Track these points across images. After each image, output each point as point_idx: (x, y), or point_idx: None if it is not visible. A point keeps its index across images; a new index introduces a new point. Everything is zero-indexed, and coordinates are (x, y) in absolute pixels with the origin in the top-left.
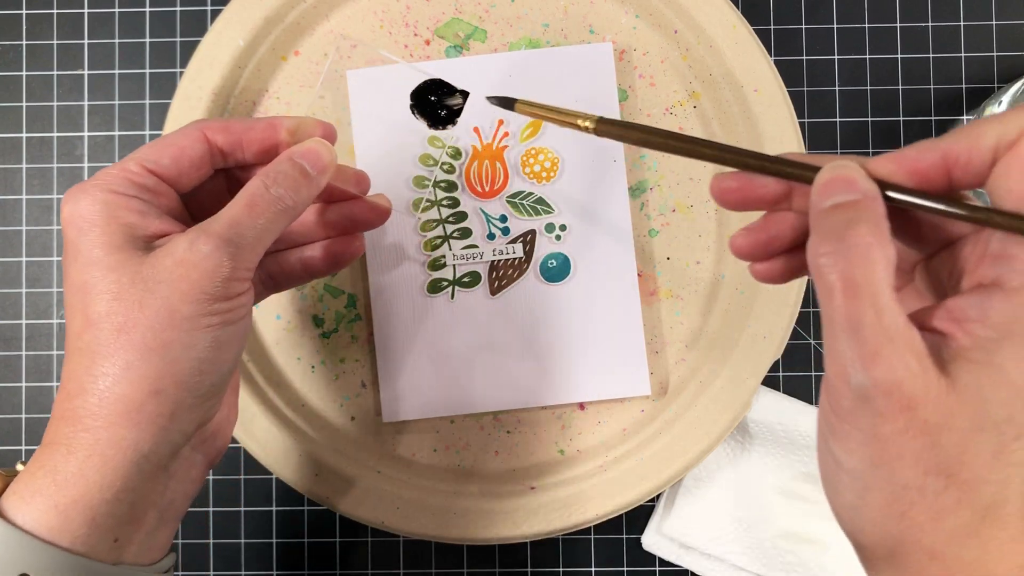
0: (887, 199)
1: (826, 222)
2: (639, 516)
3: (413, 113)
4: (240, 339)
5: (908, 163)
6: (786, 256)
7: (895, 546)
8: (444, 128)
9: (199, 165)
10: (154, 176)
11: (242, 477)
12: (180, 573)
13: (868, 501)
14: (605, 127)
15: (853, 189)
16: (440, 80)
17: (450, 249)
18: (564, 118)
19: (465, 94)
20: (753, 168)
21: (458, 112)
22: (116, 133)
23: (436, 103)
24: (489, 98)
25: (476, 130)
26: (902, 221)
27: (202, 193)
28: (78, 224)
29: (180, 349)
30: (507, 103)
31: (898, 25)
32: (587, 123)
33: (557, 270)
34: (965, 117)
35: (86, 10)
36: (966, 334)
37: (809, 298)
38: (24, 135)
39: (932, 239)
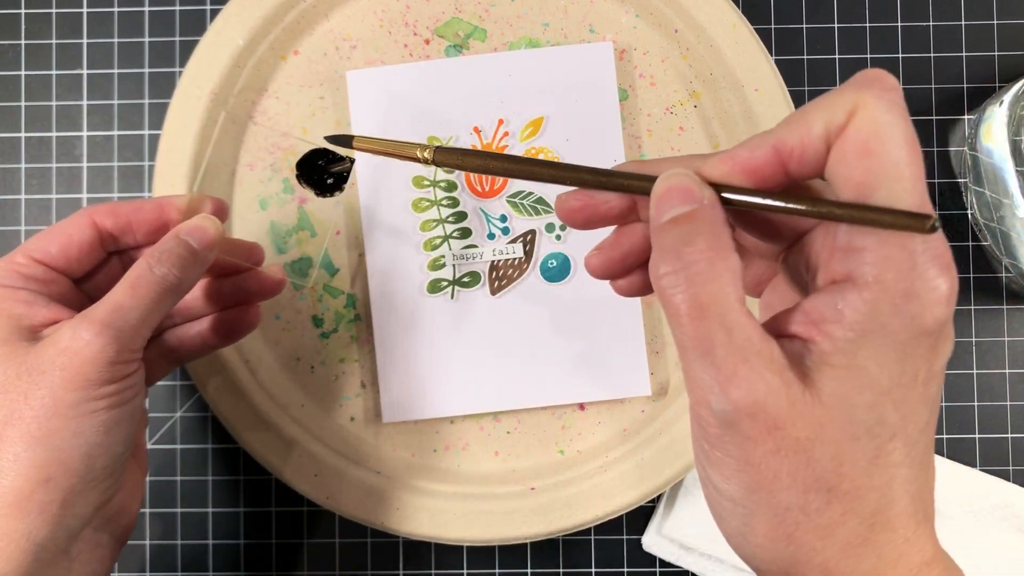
0: (725, 202)
1: (664, 239)
2: (639, 517)
3: (299, 182)
4: (131, 420)
5: (742, 162)
6: (643, 269)
7: (788, 567)
8: (331, 195)
9: (88, 251)
10: (42, 265)
11: (242, 477)
12: (180, 573)
13: (753, 527)
14: (443, 156)
15: (689, 199)
16: (323, 149)
17: (450, 249)
18: (402, 151)
19: (351, 160)
20: (591, 185)
21: (345, 179)
22: (115, 133)
23: (322, 170)
24: (327, 138)
25: (476, 130)
26: (752, 218)
27: (100, 277)
28: None
29: (67, 436)
30: (344, 141)
31: (899, 25)
32: (425, 154)
33: (557, 270)
34: (966, 117)
35: (85, 10)
36: (825, 337)
37: None
38: (23, 135)
39: (784, 233)
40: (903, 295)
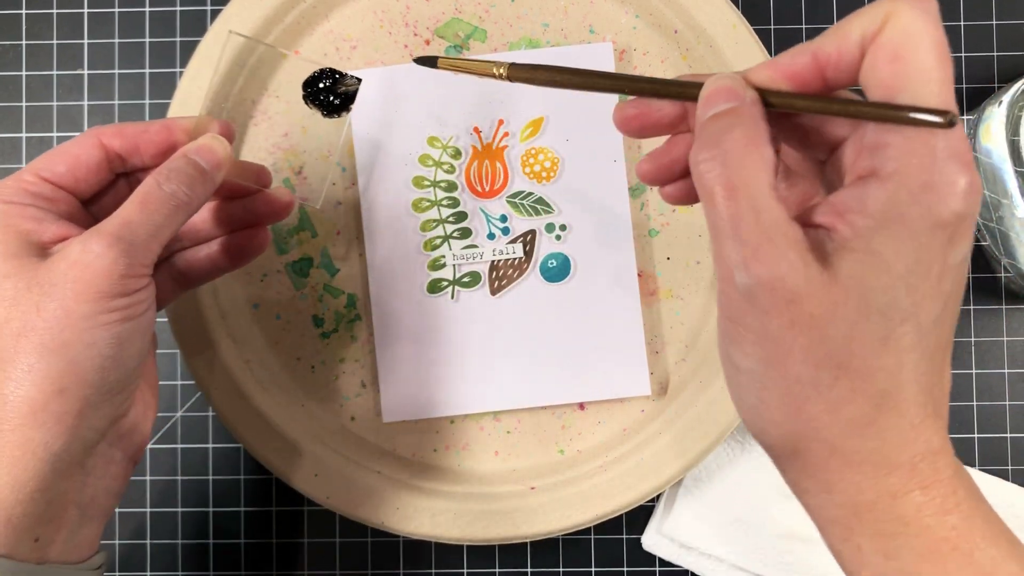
0: (767, 104)
1: (706, 131)
2: (639, 516)
3: (306, 103)
4: (143, 334)
5: (783, 68)
6: (691, 177)
7: (797, 442)
8: (339, 115)
9: (96, 171)
10: (49, 184)
11: (242, 477)
12: (180, 573)
13: (766, 400)
14: (516, 72)
15: (732, 97)
16: (330, 69)
17: (450, 249)
18: (480, 69)
19: (358, 79)
20: (647, 92)
21: (352, 98)
22: None
23: (328, 90)
24: (416, 59)
25: (476, 130)
26: (791, 129)
27: (107, 199)
28: None
29: (80, 348)
30: (430, 62)
31: None
32: (500, 70)
33: (557, 270)
34: (965, 117)
35: (86, 10)
36: (846, 225)
37: None
38: (24, 135)
39: (821, 142)
40: (922, 186)
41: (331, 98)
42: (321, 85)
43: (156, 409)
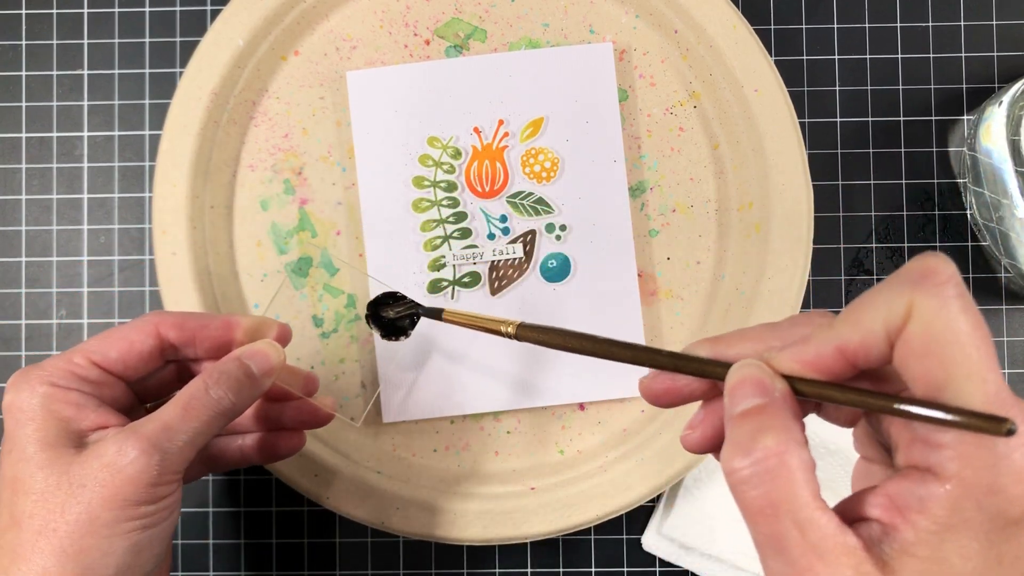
0: (796, 391)
1: (736, 432)
2: (639, 516)
3: (366, 320)
4: (162, 539)
5: (811, 361)
6: None
7: None
8: (397, 339)
9: (148, 359)
10: (99, 368)
11: (242, 477)
12: (180, 573)
13: None
14: (525, 332)
15: (761, 391)
16: (392, 292)
17: (450, 249)
18: (488, 324)
19: (417, 305)
20: (668, 367)
21: (412, 324)
22: (116, 133)
23: (392, 319)
24: (421, 309)
25: (476, 130)
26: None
27: (151, 380)
28: (16, 415)
29: (97, 556)
30: (434, 313)
31: (898, 25)
32: (508, 328)
33: (557, 270)
34: (965, 117)
35: (86, 10)
36: (909, 526)
37: (809, 299)
38: (24, 135)
39: (858, 413)
40: (986, 491)
41: (396, 323)
42: (388, 313)
43: None
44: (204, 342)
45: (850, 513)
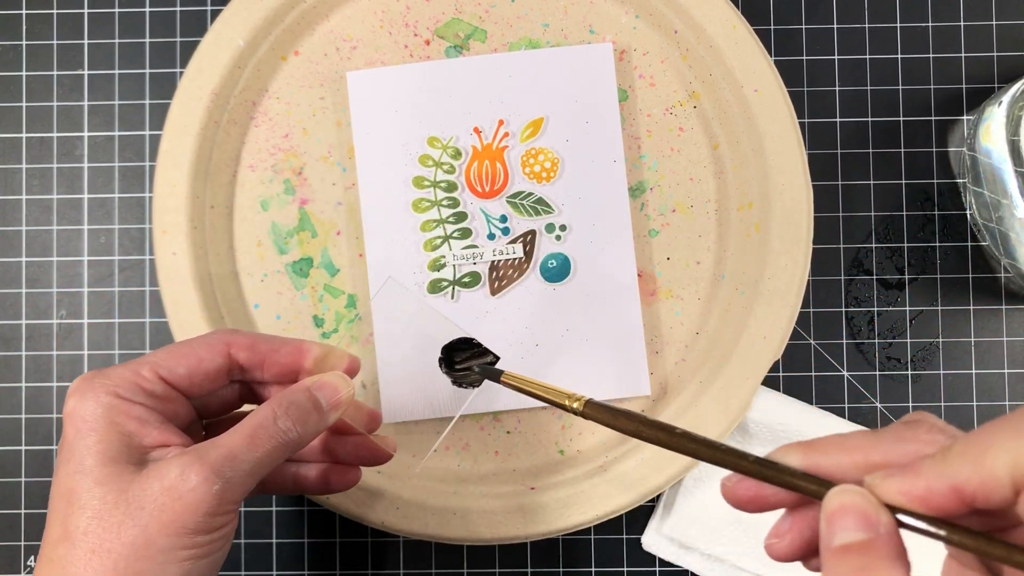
0: (901, 526)
1: (837, 568)
2: (639, 516)
3: (439, 365)
4: (213, 569)
5: (920, 496)
6: None
7: None
8: (466, 388)
9: (214, 377)
10: (165, 383)
11: None
12: None
13: None
14: (593, 411)
15: (864, 524)
16: (468, 339)
17: (450, 249)
18: (552, 396)
19: (496, 358)
20: (754, 475)
21: (478, 383)
22: (116, 133)
23: (463, 369)
24: (479, 370)
25: (476, 130)
26: None
27: (213, 398)
28: (77, 424)
29: None
30: (494, 375)
31: (898, 25)
32: (575, 404)
33: (557, 270)
34: (965, 117)
35: (86, 10)
36: None
37: (809, 298)
38: (24, 135)
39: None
40: None
41: (466, 369)
42: (461, 362)
43: None
44: (273, 367)
45: None
